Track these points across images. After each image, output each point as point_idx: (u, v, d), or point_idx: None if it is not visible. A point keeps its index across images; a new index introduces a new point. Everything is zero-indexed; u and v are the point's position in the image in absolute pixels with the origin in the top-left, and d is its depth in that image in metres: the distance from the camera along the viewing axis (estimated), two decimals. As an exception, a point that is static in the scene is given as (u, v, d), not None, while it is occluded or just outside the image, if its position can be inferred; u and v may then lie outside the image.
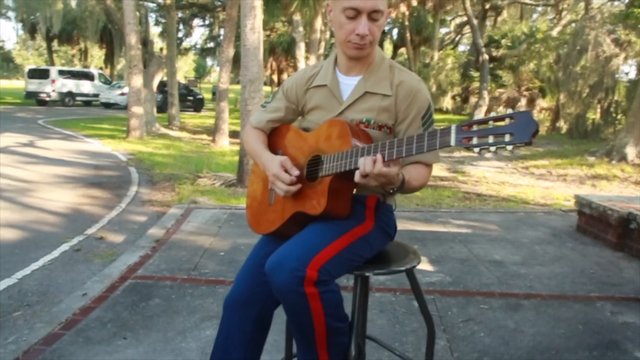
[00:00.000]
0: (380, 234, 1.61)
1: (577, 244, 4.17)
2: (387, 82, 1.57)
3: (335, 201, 1.48)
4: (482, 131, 1.16)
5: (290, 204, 1.57)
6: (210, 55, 35.78)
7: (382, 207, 1.64)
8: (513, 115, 1.14)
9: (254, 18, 5.86)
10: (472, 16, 17.44)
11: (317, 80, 1.66)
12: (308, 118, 1.68)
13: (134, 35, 10.87)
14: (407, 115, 1.56)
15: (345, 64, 1.61)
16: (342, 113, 1.59)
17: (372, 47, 1.54)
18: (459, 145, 1.19)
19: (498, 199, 6.37)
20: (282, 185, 1.52)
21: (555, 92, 15.90)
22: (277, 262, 1.40)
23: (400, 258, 1.63)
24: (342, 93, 1.61)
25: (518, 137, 1.11)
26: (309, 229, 1.51)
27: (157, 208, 5.38)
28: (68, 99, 24.00)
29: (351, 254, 1.49)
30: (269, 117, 1.74)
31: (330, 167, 1.46)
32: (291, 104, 1.72)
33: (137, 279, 3.13)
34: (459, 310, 2.82)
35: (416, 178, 1.50)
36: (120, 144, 10.59)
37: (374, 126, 1.56)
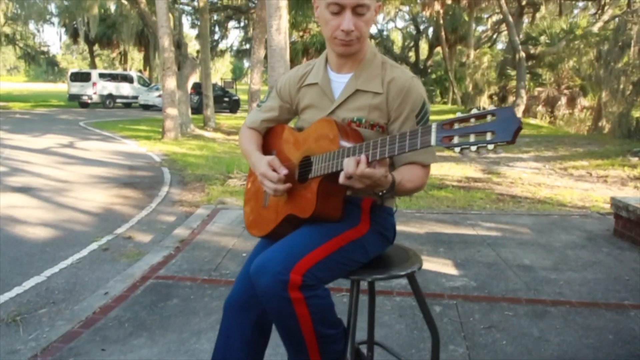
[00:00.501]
0: (376, 237, 1.56)
1: (613, 248, 3.98)
2: (379, 80, 1.53)
3: (325, 203, 1.44)
4: (463, 129, 1.11)
5: (284, 206, 1.54)
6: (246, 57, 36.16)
7: (379, 209, 1.59)
8: (494, 111, 1.08)
9: (279, 19, 5.86)
10: (508, 13, 17.02)
11: (309, 78, 1.63)
12: (302, 117, 1.66)
13: (167, 38, 11.07)
14: (400, 113, 1.51)
15: (335, 61, 1.57)
16: (333, 112, 1.55)
17: (361, 43, 1.49)
18: (439, 145, 1.14)
19: (533, 201, 6.17)
20: (269, 184, 1.50)
21: (596, 91, 15.35)
22: (261, 265, 1.37)
23: (401, 262, 1.57)
24: (333, 91, 1.57)
25: (500, 135, 1.06)
26: (297, 232, 1.48)
27: (186, 208, 5.44)
28: (109, 101, 24.72)
29: (342, 258, 1.45)
30: (264, 117, 1.72)
31: (319, 168, 1.43)
32: (285, 103, 1.69)
33: (158, 278, 3.16)
34: (482, 316, 2.72)
35: (410, 180, 1.44)
36: (155, 145, 10.81)
37: (365, 125, 1.51)
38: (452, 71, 28.22)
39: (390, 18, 32.07)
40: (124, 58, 34.22)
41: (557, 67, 17.26)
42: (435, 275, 3.30)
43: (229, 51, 36.40)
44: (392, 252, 1.65)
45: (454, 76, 28.20)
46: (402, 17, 35.06)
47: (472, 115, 1.11)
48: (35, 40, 31.78)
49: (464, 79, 25.19)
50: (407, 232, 4.34)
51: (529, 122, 17.15)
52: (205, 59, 15.32)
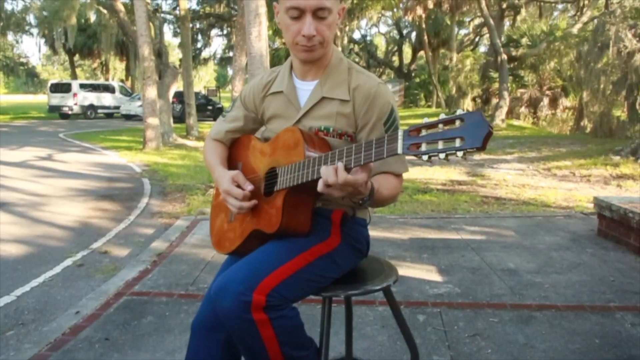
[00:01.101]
0: (348, 251, 1.48)
1: (598, 249, 3.95)
2: (345, 86, 1.45)
3: (292, 217, 1.36)
4: (431, 136, 1.05)
5: (249, 221, 1.46)
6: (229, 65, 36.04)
7: (351, 221, 1.51)
8: (462, 116, 1.02)
9: (259, 25, 5.79)
10: (489, 16, 17.14)
11: (273, 86, 1.56)
12: (268, 127, 1.58)
13: (147, 47, 10.94)
14: (367, 121, 1.44)
15: (300, 68, 1.51)
16: (299, 121, 1.48)
17: (325, 48, 1.42)
18: (406, 153, 1.08)
19: (518, 203, 6.14)
20: (234, 202, 1.41)
21: (577, 91, 15.49)
22: (222, 286, 1.29)
23: (376, 275, 1.49)
24: (299, 99, 1.50)
25: (469, 141, 0.99)
26: (261, 249, 1.40)
27: (166, 220, 5.32)
28: (90, 111, 24.43)
29: (312, 275, 1.37)
30: (228, 127, 1.63)
31: (285, 180, 1.35)
32: (250, 113, 1.61)
33: (132, 295, 3.05)
34: (466, 324, 2.65)
35: (387, 187, 1.37)
36: (136, 155, 10.65)
37: (333, 134, 1.44)
38: (436, 75, 28.36)
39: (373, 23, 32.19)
40: (106, 68, 33.90)
41: (538, 69, 17.41)
42: (419, 283, 3.23)
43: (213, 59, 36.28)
44: (366, 265, 1.58)
45: (437, 79, 28.33)
46: (385, 22, 35.27)
47: (440, 120, 1.05)
48: (14, 52, 31.38)
49: (447, 82, 25.33)
50: (391, 238, 4.27)
51: (513, 124, 17.23)
52: (187, 67, 15.18)
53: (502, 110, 16.38)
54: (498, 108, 16.50)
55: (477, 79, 21.34)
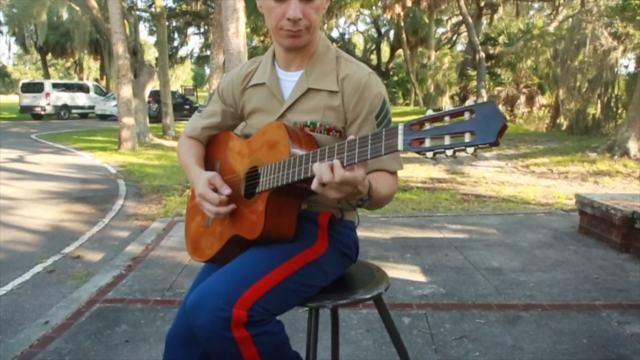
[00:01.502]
0: (336, 257, 1.37)
1: (580, 246, 3.94)
2: (333, 76, 1.34)
3: (275, 221, 1.25)
4: (436, 130, 0.92)
5: (228, 225, 1.34)
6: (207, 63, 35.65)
7: (339, 224, 1.40)
8: (473, 107, 0.89)
9: (237, 21, 5.66)
10: (467, 14, 17.24)
11: (254, 78, 1.43)
12: (249, 122, 1.46)
13: (121, 45, 10.69)
14: (357, 115, 1.32)
15: (283, 57, 1.38)
16: (283, 115, 1.36)
17: (311, 34, 1.31)
18: (407, 149, 0.95)
19: (498, 200, 6.14)
20: (210, 207, 1.29)
21: (554, 89, 15.67)
22: (198, 300, 1.17)
23: (365, 282, 1.40)
24: (283, 92, 1.38)
25: (481, 136, 0.87)
26: (242, 257, 1.28)
27: (142, 222, 5.16)
28: (63, 112, 23.86)
29: (297, 285, 1.26)
30: (204, 124, 1.51)
31: (268, 180, 1.23)
32: (228, 107, 1.49)
33: (106, 302, 2.91)
34: (453, 326, 2.59)
35: (384, 184, 1.25)
36: (111, 156, 10.40)
37: (320, 129, 1.33)
38: (414, 73, 28.47)
39: (351, 21, 32.20)
40: (80, 67, 33.22)
41: (515, 67, 17.57)
42: (403, 284, 3.16)
43: (190, 58, 35.86)
44: (355, 271, 1.47)
45: (415, 78, 28.46)
46: (364, 20, 35.27)
47: (447, 112, 0.92)
48: (-17, 51, 30.53)
49: (425, 80, 25.44)
50: (373, 238, 4.20)
51: (490, 121, 17.32)
52: (163, 65, 14.91)
53: (480, 108, 16.46)
54: (476, 106, 16.59)
55: (455, 77, 21.46)
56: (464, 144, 0.88)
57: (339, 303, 1.30)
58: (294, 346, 1.30)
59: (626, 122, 9.02)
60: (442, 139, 0.91)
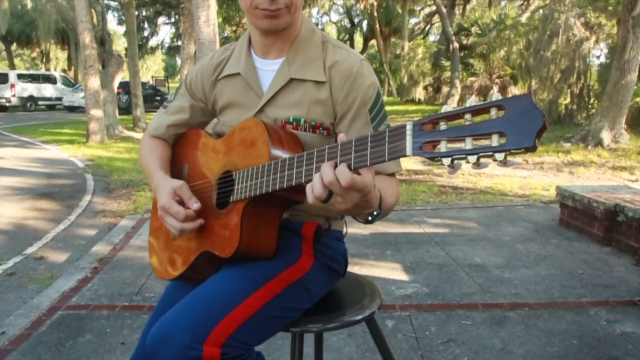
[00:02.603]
0: (323, 273, 1.20)
1: (562, 239, 3.88)
2: (319, 64, 1.15)
3: (253, 236, 1.07)
4: (454, 131, 0.73)
5: (197, 240, 1.15)
6: (178, 54, 34.95)
7: (326, 236, 1.23)
8: (503, 102, 0.69)
9: (207, 9, 5.43)
10: (441, 4, 17.21)
11: (227, 67, 1.24)
12: (221, 119, 1.27)
13: (88, 34, 10.27)
14: (349, 108, 1.14)
15: (260, 42, 1.19)
16: (262, 110, 1.18)
17: (292, 15, 1.12)
18: (418, 154, 0.75)
19: (475, 192, 6.08)
20: (173, 222, 1.10)
21: (526, 79, 15.79)
22: (161, 335, 0.99)
23: (356, 300, 1.24)
24: (261, 83, 1.19)
25: (514, 139, 0.67)
26: (214, 281, 1.10)
27: (110, 219, 4.93)
28: (30, 103, 23.07)
29: (279, 310, 1.09)
30: (170, 121, 1.31)
31: (244, 188, 1.05)
32: (198, 102, 1.30)
33: (69, 309, 2.71)
34: (438, 328, 2.48)
35: (390, 194, 1.06)
36: (79, 149, 10.02)
37: (305, 127, 1.14)
38: (387, 63, 28.41)
39: (324, 11, 31.91)
40: (46, 57, 32.17)
41: (488, 57, 17.64)
42: (385, 283, 3.04)
43: (161, 48, 35.13)
44: (343, 286, 1.31)
45: (389, 68, 28.40)
46: (337, 10, 35.06)
47: (467, 109, 0.73)
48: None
49: (399, 70, 25.41)
50: (351, 234, 4.06)
51: (464, 112, 17.42)
52: (133, 56, 14.47)
53: (454, 99, 16.53)
54: (450, 96, 16.64)
55: (428, 68, 21.49)
56: (492, 148, 0.69)
57: (326, 327, 1.13)
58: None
59: (599, 112, 9.09)
60: (463, 142, 0.72)
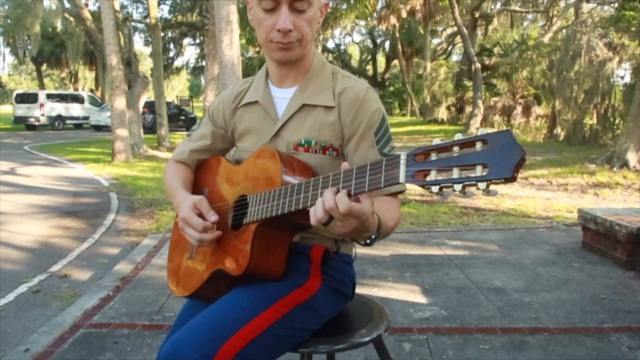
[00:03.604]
0: (331, 295, 1.25)
1: (584, 263, 3.82)
2: (329, 92, 1.25)
3: (263, 257, 1.13)
4: (443, 161, 0.81)
5: (212, 259, 1.21)
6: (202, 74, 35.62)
7: (334, 259, 1.28)
8: (486, 137, 0.78)
9: (231, 33, 5.57)
10: (462, 25, 17.25)
11: (247, 96, 1.34)
12: (240, 146, 1.35)
13: (115, 56, 10.58)
14: (355, 130, 1.23)
15: (276, 73, 1.29)
16: (277, 134, 1.27)
17: (303, 47, 1.22)
18: (410, 182, 0.84)
19: (498, 213, 6.02)
20: (192, 233, 1.17)
21: (550, 99, 15.64)
22: (173, 352, 1.04)
23: (364, 322, 1.26)
24: (277, 109, 1.29)
25: (494, 170, 0.75)
26: (224, 300, 1.15)
27: (133, 238, 5.02)
28: (58, 122, 23.73)
29: (287, 330, 1.13)
30: (193, 147, 1.40)
31: (256, 211, 1.11)
32: (219, 129, 1.39)
33: (91, 327, 2.77)
34: (456, 352, 2.46)
35: (391, 216, 1.13)
36: (104, 168, 10.25)
37: (315, 148, 1.23)
38: (410, 83, 28.50)
39: (347, 32, 32.25)
40: (74, 78, 33.12)
41: (511, 77, 17.57)
42: (403, 305, 3.03)
43: (185, 68, 35.85)
44: (351, 308, 1.34)
45: (411, 88, 28.47)
46: (359, 31, 35.39)
47: (455, 142, 0.82)
48: (-22, 62, 30.41)
49: (421, 90, 25.43)
50: (371, 255, 4.07)
51: (487, 132, 17.31)
52: (158, 76, 14.83)
53: (477, 119, 16.45)
54: (473, 116, 16.57)
55: (451, 88, 21.46)
56: (475, 178, 0.77)
57: (335, 348, 1.17)
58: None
59: (624, 133, 8.95)
60: (450, 172, 0.80)
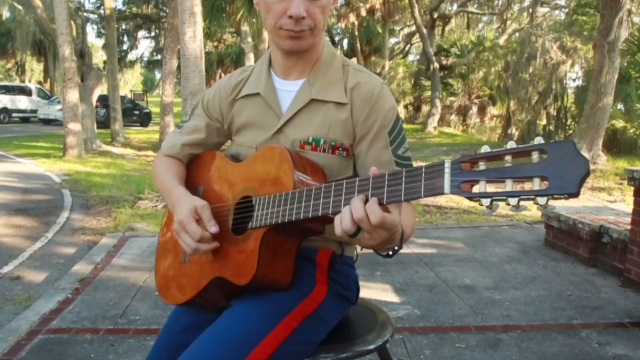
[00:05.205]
0: (336, 302, 1.17)
1: (548, 260, 3.90)
2: (341, 86, 1.15)
3: (270, 265, 1.03)
4: (493, 172, 0.73)
5: (210, 265, 1.10)
6: (157, 68, 34.73)
7: (339, 262, 1.20)
8: (545, 147, 0.70)
9: (194, 25, 5.40)
10: (422, 25, 17.49)
11: (246, 87, 1.22)
12: (238, 140, 1.24)
13: (68, 47, 10.13)
14: (368, 130, 1.14)
15: (281, 63, 1.18)
16: (281, 130, 1.16)
17: (315, 36, 1.12)
18: (456, 193, 0.75)
19: (459, 211, 6.11)
20: (188, 240, 1.06)
21: (505, 100, 16.09)
22: None
23: (368, 329, 1.20)
24: (280, 103, 1.18)
25: (556, 184, 0.68)
26: (230, 318, 1.05)
27: (90, 237, 4.79)
28: (3, 115, 22.56)
29: (298, 345, 1.05)
30: (185, 140, 1.28)
31: (264, 215, 1.01)
32: (214, 122, 1.27)
33: (50, 332, 2.60)
34: (433, 352, 2.44)
35: (408, 224, 1.04)
36: (55, 164, 9.81)
37: (324, 147, 1.13)
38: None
39: (305, 29, 32.14)
40: (22, 69, 31.63)
41: (467, 78, 17.95)
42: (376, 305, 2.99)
43: (139, 62, 34.84)
44: (353, 313, 1.28)
45: (369, 87, 28.64)
46: (317, 28, 35.32)
47: (508, 150, 0.73)
48: None
49: (379, 89, 25.60)
50: (340, 253, 4.03)
51: (444, 131, 17.67)
52: (112, 69, 14.32)
53: (435, 118, 16.73)
54: (430, 115, 16.84)
55: (409, 87, 21.75)
56: (535, 192, 0.69)
57: (338, 358, 1.10)
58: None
59: (577, 134, 9.27)
60: (503, 184, 0.72)
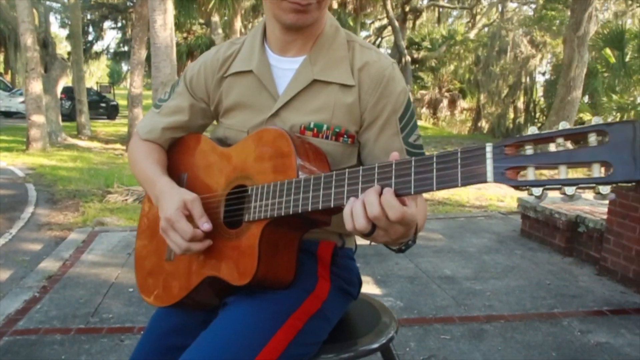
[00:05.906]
0: (339, 298, 1.08)
1: (525, 250, 3.92)
2: (346, 65, 1.03)
3: (271, 262, 0.92)
4: (543, 157, 0.63)
5: (201, 262, 0.99)
6: (124, 60, 33.93)
7: (340, 255, 1.10)
8: (605, 128, 0.59)
9: (164, 13, 5.22)
10: (394, 18, 17.52)
11: (236, 64, 1.08)
12: (225, 122, 1.10)
13: (30, 35, 9.73)
14: (378, 116, 1.02)
15: (279, 37, 1.05)
16: (277, 114, 1.03)
17: (321, 10, 0.99)
18: (501, 182, 0.65)
19: (434, 203, 6.12)
20: (177, 240, 0.94)
21: (475, 93, 16.28)
22: None
23: (370, 326, 1.11)
24: (276, 82, 1.05)
25: (623, 170, 0.58)
26: (230, 317, 0.95)
27: (57, 232, 4.60)
28: (-40, 108, 21.68)
29: (303, 346, 0.96)
30: (166, 124, 1.13)
31: (263, 206, 0.89)
32: (199, 102, 1.13)
33: (16, 334, 2.45)
34: (418, 344, 2.40)
35: (421, 216, 0.94)
36: (18, 157, 9.44)
37: (327, 134, 1.01)
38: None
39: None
40: (-20, 60, 30.41)
41: (438, 71, 18.10)
42: (358, 297, 2.94)
43: (105, 53, 33.97)
44: (354, 310, 1.18)
45: (341, 80, 28.63)
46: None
47: (560, 132, 0.62)
48: None
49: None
50: (318, 246, 3.96)
51: (415, 124, 17.81)
52: (77, 60, 13.86)
53: (406, 111, 16.81)
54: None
55: (380, 80, 21.77)
56: (596, 180, 0.60)
57: (340, 358, 1.02)
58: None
59: (547, 127, 9.41)
60: (556, 170, 0.63)
